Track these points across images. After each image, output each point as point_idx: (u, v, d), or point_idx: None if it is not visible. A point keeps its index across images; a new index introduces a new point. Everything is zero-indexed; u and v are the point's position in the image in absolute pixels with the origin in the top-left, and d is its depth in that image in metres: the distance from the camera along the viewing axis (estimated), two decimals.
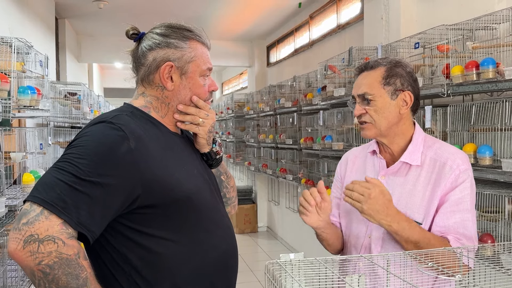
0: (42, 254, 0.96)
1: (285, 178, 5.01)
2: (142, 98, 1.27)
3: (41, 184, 1.03)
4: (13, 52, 2.38)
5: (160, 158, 1.15)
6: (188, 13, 5.58)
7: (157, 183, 1.11)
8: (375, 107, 1.37)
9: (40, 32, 4.40)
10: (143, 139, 1.13)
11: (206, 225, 1.22)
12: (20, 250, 0.96)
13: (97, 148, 1.06)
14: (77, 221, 1.00)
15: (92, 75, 8.44)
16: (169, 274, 1.14)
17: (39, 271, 0.96)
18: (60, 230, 0.98)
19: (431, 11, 2.95)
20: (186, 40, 1.25)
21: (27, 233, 0.96)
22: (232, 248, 1.29)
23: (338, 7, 4.65)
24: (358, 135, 3.14)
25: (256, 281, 4.82)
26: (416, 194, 1.35)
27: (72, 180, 1.01)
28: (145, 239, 1.12)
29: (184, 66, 1.23)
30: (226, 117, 7.53)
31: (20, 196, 2.44)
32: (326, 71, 3.63)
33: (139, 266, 1.11)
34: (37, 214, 0.98)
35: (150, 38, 1.24)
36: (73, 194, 1.00)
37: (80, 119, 4.35)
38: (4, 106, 2.19)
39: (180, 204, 1.16)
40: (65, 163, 1.04)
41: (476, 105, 2.13)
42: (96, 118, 1.18)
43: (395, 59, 1.43)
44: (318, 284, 0.92)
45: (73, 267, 0.99)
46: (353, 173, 1.54)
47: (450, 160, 1.35)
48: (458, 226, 1.30)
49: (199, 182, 1.25)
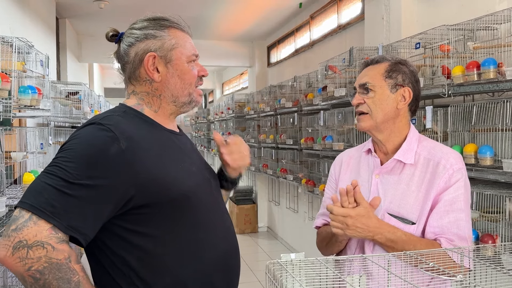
0: (31, 260, 0.96)
1: (285, 178, 5.01)
2: (133, 97, 1.25)
3: (30, 190, 1.02)
4: (14, 52, 2.38)
5: (155, 157, 1.13)
6: (188, 13, 5.58)
7: (153, 182, 1.10)
8: (374, 97, 1.40)
9: (41, 32, 4.40)
10: (135, 139, 1.11)
11: (205, 224, 1.20)
12: (9, 257, 0.96)
13: (86, 150, 1.06)
14: (67, 225, 0.99)
15: (92, 75, 8.44)
16: (168, 275, 1.12)
17: (29, 276, 0.96)
18: (49, 235, 0.97)
19: (432, 11, 2.94)
20: (164, 28, 1.24)
21: (16, 239, 0.96)
22: (232, 248, 1.27)
23: (338, 7, 4.65)
24: (359, 135, 3.14)
25: (257, 281, 4.82)
26: (410, 194, 1.36)
27: (61, 184, 1.00)
28: (142, 240, 1.11)
29: (167, 54, 1.22)
30: (227, 117, 7.53)
31: (20, 195, 2.44)
32: (327, 71, 3.63)
33: (137, 267, 1.10)
34: (26, 220, 0.97)
35: (129, 35, 1.24)
36: (62, 198, 0.99)
37: (81, 119, 4.35)
38: (5, 105, 2.19)
39: (177, 203, 1.14)
40: (54, 167, 1.04)
41: (477, 105, 2.13)
42: (87, 121, 1.17)
43: (401, 58, 1.46)
44: (319, 284, 0.92)
45: (64, 272, 0.98)
46: (347, 174, 1.54)
47: (443, 159, 1.35)
48: (452, 226, 1.30)
49: (198, 180, 1.23)
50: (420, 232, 1.34)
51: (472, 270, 1.19)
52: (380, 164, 1.45)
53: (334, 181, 1.60)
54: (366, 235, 1.27)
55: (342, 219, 1.26)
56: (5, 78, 2.16)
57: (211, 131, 9.36)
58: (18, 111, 2.59)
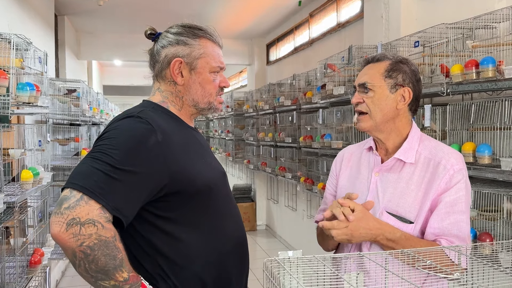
0: (83, 236, 1.03)
1: (284, 177, 5.01)
2: (158, 94, 1.36)
3: (78, 172, 1.10)
4: (12, 49, 2.38)
5: (182, 150, 1.23)
6: (188, 10, 5.57)
7: (181, 173, 1.20)
8: (373, 97, 1.39)
9: (39, 29, 4.39)
10: (167, 133, 1.21)
11: (222, 213, 1.31)
12: (63, 233, 1.02)
13: (129, 140, 1.15)
14: (113, 206, 1.07)
15: (91, 73, 8.42)
16: (189, 258, 1.22)
17: (80, 252, 1.04)
18: (99, 214, 1.05)
19: (431, 10, 2.94)
20: (196, 38, 1.33)
21: (69, 217, 1.03)
22: (243, 236, 1.38)
23: (338, 6, 4.64)
24: (358, 133, 3.14)
25: (255, 279, 4.82)
26: (409, 193, 1.35)
27: (108, 168, 1.08)
28: (169, 225, 1.20)
29: (193, 62, 1.32)
30: (226, 115, 7.52)
31: (18, 192, 2.44)
32: (326, 69, 3.62)
33: (163, 250, 1.20)
34: (78, 199, 1.05)
35: (164, 37, 1.34)
36: (109, 181, 1.08)
37: (79, 117, 4.34)
38: (3, 102, 2.19)
39: (201, 193, 1.25)
40: (99, 153, 1.12)
41: (475, 104, 2.13)
42: (122, 114, 1.26)
43: (402, 56, 1.45)
44: (316, 281, 0.92)
45: (111, 249, 1.06)
46: (347, 170, 1.54)
47: (444, 159, 1.35)
48: (452, 228, 1.30)
49: (217, 173, 1.34)
50: (418, 232, 1.34)
51: (467, 269, 1.19)
52: (380, 162, 1.44)
53: (334, 177, 1.60)
54: (370, 237, 1.28)
55: (345, 230, 1.26)
56: (3, 75, 2.15)
57: (210, 129, 9.36)
58: (17, 108, 2.59)
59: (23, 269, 2.53)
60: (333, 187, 1.59)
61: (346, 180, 1.54)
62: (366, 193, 1.42)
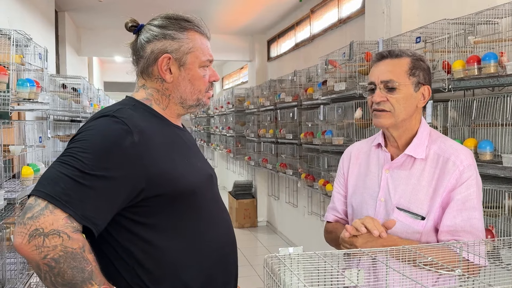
0: (47, 248, 0.96)
1: (285, 173, 5.01)
2: (143, 91, 1.27)
3: (45, 178, 1.03)
4: (12, 45, 2.37)
5: (164, 151, 1.15)
6: (188, 6, 5.55)
7: (162, 176, 1.11)
8: (398, 96, 1.35)
9: (39, 25, 4.38)
10: (146, 133, 1.12)
11: (207, 218, 1.22)
12: (25, 244, 0.96)
13: (101, 142, 1.06)
14: (82, 214, 1.00)
15: (92, 69, 8.42)
16: (171, 267, 1.14)
17: (44, 264, 0.97)
18: (65, 224, 0.98)
19: (432, 5, 2.93)
20: (184, 30, 1.24)
21: (32, 227, 0.96)
22: (231, 242, 1.30)
23: (339, 1, 4.62)
24: (359, 130, 3.13)
25: (256, 275, 4.83)
26: (420, 189, 1.35)
27: (76, 174, 1.01)
28: (148, 232, 1.12)
29: (182, 57, 1.23)
30: (227, 112, 7.51)
31: (19, 189, 2.44)
32: (327, 65, 3.61)
33: (142, 259, 1.12)
34: (42, 208, 0.98)
35: (148, 30, 1.24)
36: (78, 188, 1.00)
37: (80, 113, 4.34)
38: (3, 99, 2.18)
39: (183, 197, 1.16)
40: (69, 157, 1.04)
41: (477, 100, 2.12)
42: (99, 112, 1.17)
43: (417, 53, 1.41)
44: (317, 278, 0.92)
45: (78, 261, 0.99)
46: (356, 168, 1.53)
47: (453, 156, 1.34)
48: (465, 225, 1.29)
49: (202, 176, 1.25)
50: (430, 228, 1.33)
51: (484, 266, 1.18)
52: (390, 159, 1.43)
53: (342, 176, 1.58)
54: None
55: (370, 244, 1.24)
56: (3, 71, 2.15)
57: (210, 125, 9.35)
58: (17, 104, 2.58)
59: (24, 265, 2.53)
60: (341, 186, 1.57)
61: (355, 178, 1.52)
62: (377, 190, 1.41)
